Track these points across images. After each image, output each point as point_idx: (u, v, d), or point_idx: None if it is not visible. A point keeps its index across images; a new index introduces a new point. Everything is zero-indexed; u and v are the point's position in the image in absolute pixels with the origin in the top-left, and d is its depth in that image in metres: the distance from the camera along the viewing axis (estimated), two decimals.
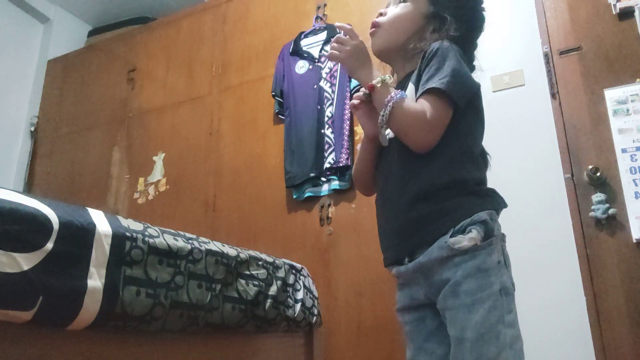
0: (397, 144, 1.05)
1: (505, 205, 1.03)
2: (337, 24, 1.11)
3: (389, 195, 1.06)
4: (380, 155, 1.14)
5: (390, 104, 0.97)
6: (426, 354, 1.00)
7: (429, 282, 0.97)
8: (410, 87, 1.07)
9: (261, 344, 1.55)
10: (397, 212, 1.02)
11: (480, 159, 1.07)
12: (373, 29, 1.15)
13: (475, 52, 1.16)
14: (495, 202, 1.01)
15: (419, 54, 1.08)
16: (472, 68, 1.13)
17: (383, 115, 0.98)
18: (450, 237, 0.93)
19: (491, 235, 0.94)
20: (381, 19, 1.15)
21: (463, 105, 0.99)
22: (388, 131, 1.08)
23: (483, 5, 1.15)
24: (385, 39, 1.14)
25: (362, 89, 1.08)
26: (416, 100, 1.00)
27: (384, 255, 1.09)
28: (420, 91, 0.99)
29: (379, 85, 1.01)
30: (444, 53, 1.00)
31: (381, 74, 1.05)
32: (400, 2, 1.15)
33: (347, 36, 1.07)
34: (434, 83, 0.96)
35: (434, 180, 0.98)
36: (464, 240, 0.92)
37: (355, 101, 1.10)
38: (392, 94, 0.98)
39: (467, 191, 0.98)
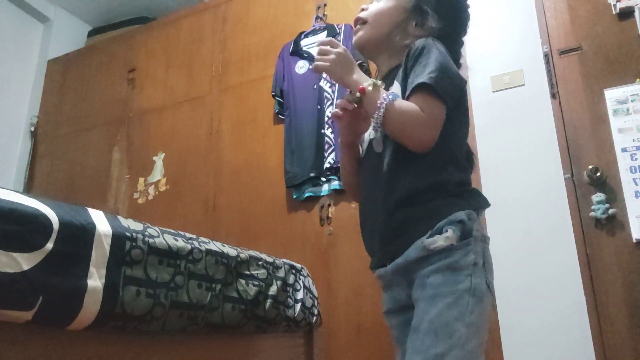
0: (385, 150, 1.05)
1: (487, 205, 1.03)
2: (318, 44, 1.11)
3: (372, 201, 1.06)
4: (363, 161, 1.15)
5: (384, 105, 0.96)
6: None
7: (409, 282, 0.97)
8: (396, 85, 1.06)
9: (261, 344, 1.55)
10: (380, 218, 1.02)
11: (464, 161, 1.06)
12: (357, 26, 1.17)
13: (462, 50, 1.16)
14: (476, 202, 1.00)
15: (403, 49, 1.08)
16: (458, 66, 1.12)
17: (377, 118, 0.97)
18: (427, 238, 0.93)
19: (469, 236, 0.93)
20: (363, 14, 1.16)
21: (450, 103, 0.98)
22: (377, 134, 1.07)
23: (467, 3, 1.15)
24: (369, 33, 1.15)
25: (348, 95, 1.07)
26: (406, 98, 0.99)
27: (370, 258, 1.10)
28: (409, 88, 0.99)
29: (370, 88, 1.00)
30: (430, 49, 1.00)
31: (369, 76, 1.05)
32: None
33: (329, 47, 1.08)
34: (422, 78, 0.96)
35: (414, 185, 0.98)
36: (440, 240, 0.92)
37: (339, 111, 1.08)
38: (384, 95, 0.98)
39: (447, 193, 0.98)
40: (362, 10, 1.18)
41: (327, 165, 2.21)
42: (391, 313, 1.07)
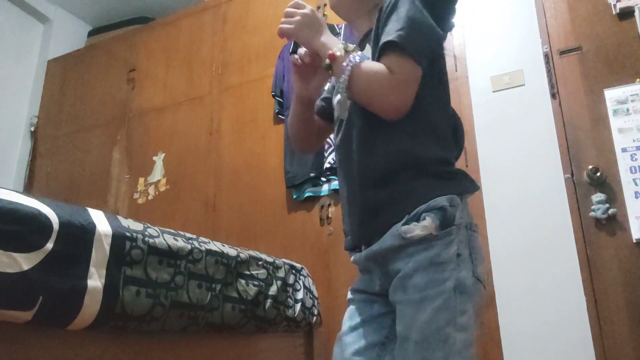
0: (354, 120, 0.96)
1: (474, 189, 0.92)
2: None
3: (347, 178, 0.98)
4: (337, 131, 1.03)
5: (349, 67, 0.87)
6: (357, 336, 0.93)
7: (383, 271, 0.90)
8: (368, 49, 0.98)
9: (261, 344, 1.55)
10: (354, 197, 0.94)
11: (449, 136, 0.96)
12: None
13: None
14: (460, 186, 0.90)
15: (377, 6, 0.98)
16: (450, 13, 1.01)
17: (342, 81, 0.87)
18: (403, 224, 0.84)
19: (450, 224, 0.84)
20: None
21: (425, 62, 0.88)
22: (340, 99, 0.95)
23: None
24: None
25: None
26: (375, 60, 0.90)
27: (345, 238, 1.02)
28: (378, 48, 0.89)
29: (339, 53, 0.90)
30: (401, 3, 0.90)
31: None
32: None
33: (294, 8, 0.98)
34: (389, 36, 0.86)
35: (390, 162, 0.89)
36: (417, 229, 0.82)
37: (301, 57, 0.99)
38: (351, 57, 0.88)
39: (426, 172, 0.88)
40: None
41: (327, 165, 2.21)
42: (358, 292, 1.00)
